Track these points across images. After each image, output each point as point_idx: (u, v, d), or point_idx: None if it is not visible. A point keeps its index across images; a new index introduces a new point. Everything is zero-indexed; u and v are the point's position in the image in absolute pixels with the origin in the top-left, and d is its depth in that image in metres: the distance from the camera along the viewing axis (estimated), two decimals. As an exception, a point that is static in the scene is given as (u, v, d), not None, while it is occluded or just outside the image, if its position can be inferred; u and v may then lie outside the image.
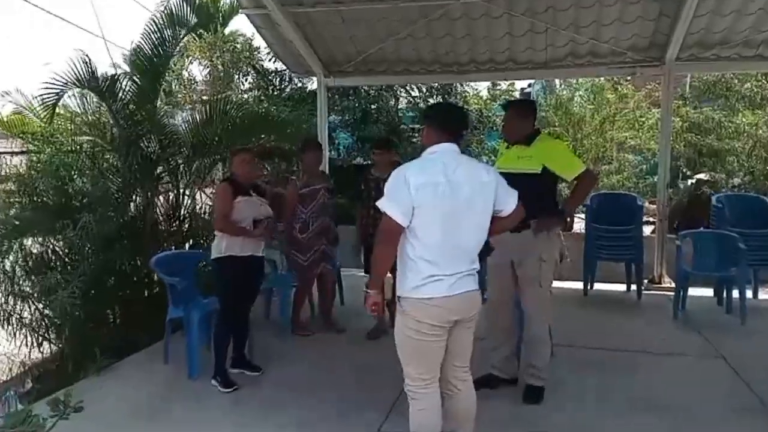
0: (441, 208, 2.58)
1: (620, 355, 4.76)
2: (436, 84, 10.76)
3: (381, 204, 2.61)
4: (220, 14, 12.56)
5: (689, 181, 10.33)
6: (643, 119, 10.04)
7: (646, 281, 6.82)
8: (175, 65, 11.51)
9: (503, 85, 12.64)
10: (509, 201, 2.82)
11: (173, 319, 4.42)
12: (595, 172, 10.29)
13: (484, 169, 2.82)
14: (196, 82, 10.94)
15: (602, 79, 10.22)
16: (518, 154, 3.84)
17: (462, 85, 11.30)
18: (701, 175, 9.66)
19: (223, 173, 7.33)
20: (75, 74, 5.03)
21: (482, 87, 12.80)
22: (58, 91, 4.86)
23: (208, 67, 11.49)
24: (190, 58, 11.56)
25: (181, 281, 4.26)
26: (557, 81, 11.47)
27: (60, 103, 5.37)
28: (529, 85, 18.29)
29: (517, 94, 15.32)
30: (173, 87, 11.56)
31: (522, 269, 3.86)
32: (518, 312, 4.08)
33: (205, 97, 10.11)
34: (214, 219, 4.16)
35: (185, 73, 11.34)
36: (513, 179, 3.73)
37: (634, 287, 6.61)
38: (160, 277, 4.49)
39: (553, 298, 3.96)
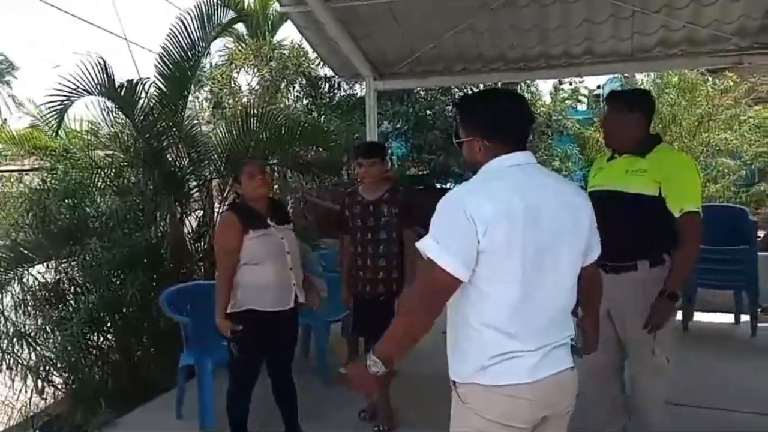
0: (521, 248, 1.68)
1: (737, 419, 3.67)
2: (499, 83, 9.80)
3: (427, 248, 1.70)
4: (269, 22, 12.14)
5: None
6: (744, 118, 8.69)
7: (758, 311, 5.64)
8: (222, 75, 11.13)
9: (566, 87, 11.38)
10: (597, 242, 1.93)
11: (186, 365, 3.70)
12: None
13: (572, 188, 1.91)
14: (242, 92, 10.43)
15: (693, 72, 8.91)
16: (627, 167, 2.80)
17: (528, 85, 10.26)
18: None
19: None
20: (87, 79, 4.46)
21: (544, 91, 11.62)
22: (65, 98, 4.29)
23: (255, 75, 11.01)
24: (237, 67, 11.14)
25: (190, 321, 3.52)
26: (638, 77, 10.20)
27: (77, 115, 4.85)
28: (599, 87, 16.78)
29: (584, 100, 13.96)
30: (220, 97, 11.16)
31: (624, 327, 2.85)
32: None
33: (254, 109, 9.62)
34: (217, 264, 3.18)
35: (232, 83, 10.88)
36: (618, 201, 2.73)
37: (744, 317, 5.49)
38: (168, 315, 3.78)
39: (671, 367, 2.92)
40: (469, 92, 11.00)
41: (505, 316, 1.71)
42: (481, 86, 10.14)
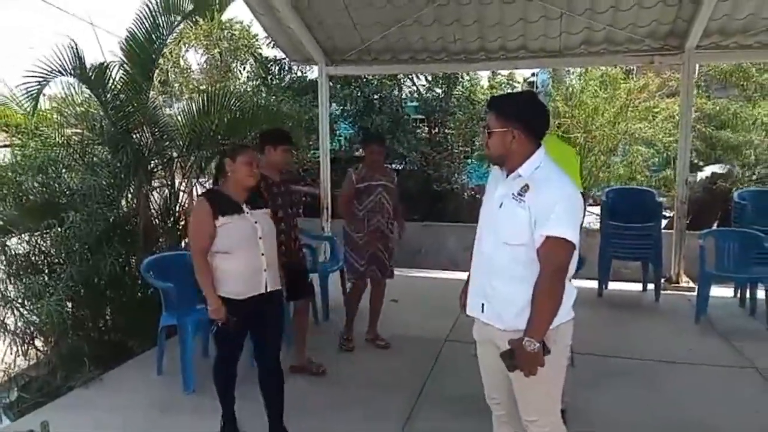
0: None
1: (642, 365, 4.47)
2: (441, 73, 10.39)
3: (567, 233, 2.16)
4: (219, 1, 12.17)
5: (702, 174, 9.98)
6: (657, 110, 9.70)
7: (662, 281, 6.51)
8: (171, 53, 11.17)
9: (503, 74, 12.07)
10: None
11: (167, 326, 4.11)
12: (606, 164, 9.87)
13: None
14: (192, 71, 10.55)
15: (615, 68, 9.84)
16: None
17: (468, 74, 10.90)
18: (716, 168, 9.30)
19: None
20: (60, 61, 4.68)
21: (483, 76, 12.22)
22: (41, 79, 4.52)
23: (205, 55, 11.13)
24: (186, 45, 11.21)
25: (173, 287, 3.92)
26: (566, 70, 11.07)
27: (47, 93, 5.03)
28: (533, 75, 17.81)
29: (518, 86, 14.65)
30: (169, 76, 11.21)
31: None
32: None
33: (202, 87, 9.77)
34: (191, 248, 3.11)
35: (181, 62, 10.96)
36: None
37: (650, 286, 6.34)
38: (150, 282, 4.16)
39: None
40: (419, 79, 11.52)
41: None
42: (427, 75, 10.74)
